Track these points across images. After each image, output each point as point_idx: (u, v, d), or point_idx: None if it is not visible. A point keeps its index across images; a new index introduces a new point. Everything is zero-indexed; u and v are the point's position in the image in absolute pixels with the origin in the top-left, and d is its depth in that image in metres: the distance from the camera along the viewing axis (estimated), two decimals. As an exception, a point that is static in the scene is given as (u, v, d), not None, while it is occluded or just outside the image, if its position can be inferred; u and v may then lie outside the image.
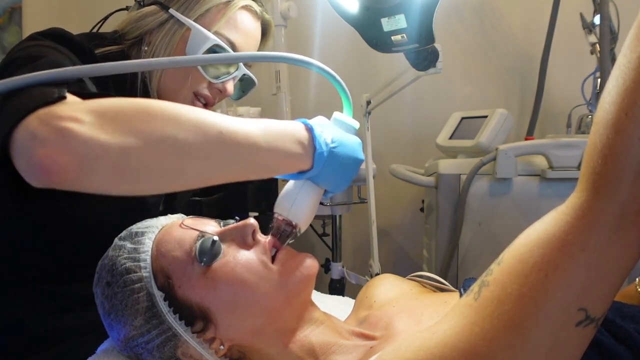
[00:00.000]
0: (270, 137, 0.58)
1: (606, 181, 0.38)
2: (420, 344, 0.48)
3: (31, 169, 0.48)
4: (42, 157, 0.47)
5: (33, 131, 0.48)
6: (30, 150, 0.48)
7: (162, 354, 0.61)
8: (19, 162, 0.49)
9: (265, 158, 0.59)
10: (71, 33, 0.77)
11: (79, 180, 0.49)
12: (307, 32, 1.92)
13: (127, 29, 0.85)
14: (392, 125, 1.96)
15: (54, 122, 0.48)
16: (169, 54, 0.82)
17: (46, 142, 0.47)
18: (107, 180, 0.50)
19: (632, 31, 0.37)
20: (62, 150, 0.47)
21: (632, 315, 0.59)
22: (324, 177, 0.64)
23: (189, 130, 0.53)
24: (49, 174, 0.47)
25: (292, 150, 0.60)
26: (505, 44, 1.90)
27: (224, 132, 0.55)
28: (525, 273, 0.41)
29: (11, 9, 2.02)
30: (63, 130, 0.48)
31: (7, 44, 2.01)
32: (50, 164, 0.47)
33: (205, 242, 0.62)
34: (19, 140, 0.49)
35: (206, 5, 0.83)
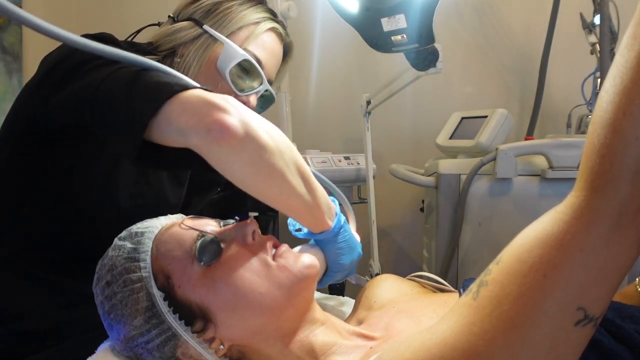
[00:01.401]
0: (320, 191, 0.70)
1: (604, 181, 0.38)
2: (420, 344, 0.48)
3: (207, 124, 0.58)
4: (221, 120, 0.57)
5: (212, 100, 0.59)
6: (211, 111, 0.58)
7: (162, 353, 0.61)
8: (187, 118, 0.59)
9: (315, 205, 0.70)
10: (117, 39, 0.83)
11: (235, 148, 0.58)
12: (307, 32, 1.92)
13: (161, 41, 0.90)
14: (392, 125, 1.96)
15: (230, 100, 0.60)
16: (200, 67, 0.88)
17: (227, 110, 0.58)
18: (244, 160, 0.60)
19: (629, 30, 0.37)
20: (238, 121, 0.58)
21: (631, 315, 0.59)
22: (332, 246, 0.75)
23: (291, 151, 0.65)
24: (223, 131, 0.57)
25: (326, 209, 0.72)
26: (505, 44, 1.90)
27: (307, 168, 0.68)
28: (523, 273, 0.41)
29: (11, 9, 2.02)
30: (238, 109, 0.60)
31: (7, 44, 2.01)
32: (227, 127, 0.57)
33: (205, 241, 0.62)
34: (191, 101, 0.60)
35: (238, 24, 0.90)
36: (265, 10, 0.94)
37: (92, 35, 0.78)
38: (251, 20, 0.91)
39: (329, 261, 0.76)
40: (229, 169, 0.61)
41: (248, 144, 0.59)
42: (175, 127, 0.59)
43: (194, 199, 1.04)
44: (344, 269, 0.77)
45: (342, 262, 0.76)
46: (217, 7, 0.90)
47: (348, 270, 0.79)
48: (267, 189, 0.64)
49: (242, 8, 0.91)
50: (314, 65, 1.97)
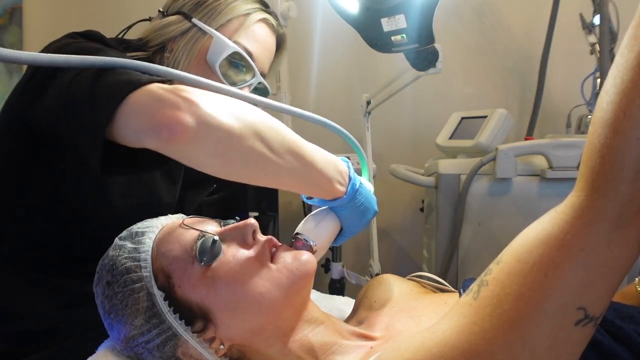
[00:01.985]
0: (322, 160, 0.67)
1: (605, 181, 0.38)
2: (420, 343, 0.48)
3: (155, 126, 0.54)
4: (169, 117, 0.54)
5: (161, 96, 0.55)
6: (157, 111, 0.54)
7: (162, 353, 0.61)
8: (138, 120, 0.56)
9: (318, 177, 0.67)
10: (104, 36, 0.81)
11: (191, 144, 0.55)
12: (307, 32, 1.93)
13: (151, 36, 0.89)
14: (392, 125, 1.96)
15: (181, 93, 0.56)
16: (189, 61, 0.86)
17: (176, 106, 0.54)
18: (208, 153, 0.57)
19: (629, 31, 0.37)
20: (189, 115, 0.54)
21: (631, 315, 0.59)
22: (348, 210, 0.73)
23: (274, 131, 0.61)
24: (173, 131, 0.54)
25: (335, 176, 0.69)
26: (505, 44, 1.90)
27: (296, 141, 0.63)
28: (524, 272, 0.42)
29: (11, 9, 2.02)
30: (189, 100, 0.55)
31: (7, 44, 2.01)
32: (175, 124, 0.54)
33: (206, 241, 0.62)
34: (141, 102, 0.56)
35: (227, 16, 0.88)
36: (255, 1, 0.92)
37: (78, 33, 0.77)
38: (241, 12, 0.89)
39: (344, 224, 0.75)
40: (196, 163, 0.58)
41: (207, 136, 0.55)
42: (130, 131, 0.57)
43: (188, 195, 1.04)
44: (359, 229, 0.76)
45: (359, 224, 0.75)
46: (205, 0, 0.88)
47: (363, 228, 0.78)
48: (247, 174, 0.61)
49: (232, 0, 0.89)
50: (314, 65, 1.97)
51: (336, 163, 0.70)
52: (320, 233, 0.72)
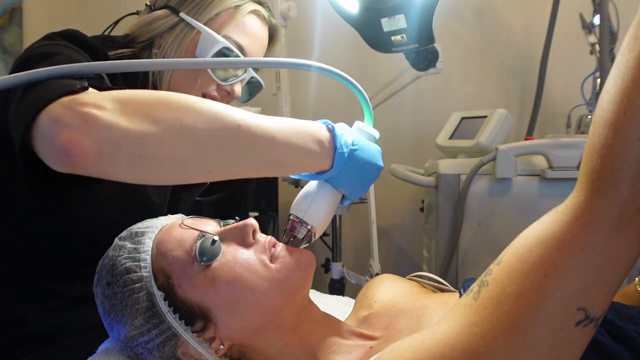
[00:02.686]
0: (288, 133, 0.59)
1: (605, 181, 0.38)
2: (420, 343, 0.48)
3: (54, 152, 0.50)
4: (65, 141, 0.49)
5: (57, 116, 0.50)
6: (54, 134, 0.49)
7: (162, 353, 0.61)
8: (42, 145, 0.52)
9: (283, 154, 0.59)
10: (85, 35, 0.78)
11: (99, 164, 0.50)
12: (307, 32, 1.92)
13: (138, 32, 0.86)
14: (392, 125, 1.96)
15: (78, 108, 0.50)
16: (178, 57, 0.83)
17: (69, 126, 0.49)
18: (125, 166, 0.52)
19: (630, 31, 0.37)
20: (85, 134, 0.49)
21: (631, 316, 0.59)
22: (343, 179, 0.65)
23: (208, 122, 0.54)
24: (71, 156, 0.49)
25: (310, 148, 0.61)
26: (505, 44, 1.90)
27: (242, 125, 0.56)
28: (524, 273, 0.41)
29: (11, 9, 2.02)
30: (86, 115, 0.50)
31: (7, 45, 2.01)
32: (72, 147, 0.49)
33: (206, 241, 0.62)
34: (42, 125, 0.51)
35: (216, 10, 0.85)
36: None
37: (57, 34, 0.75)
38: (230, 4, 0.85)
39: (344, 191, 0.68)
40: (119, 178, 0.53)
41: (115, 151, 0.50)
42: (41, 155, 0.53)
43: (182, 195, 1.02)
44: (364, 192, 0.69)
45: (361, 187, 0.68)
46: None
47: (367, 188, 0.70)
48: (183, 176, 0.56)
49: None
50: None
51: (313, 132, 0.62)
52: (316, 210, 0.66)
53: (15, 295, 0.81)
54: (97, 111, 0.50)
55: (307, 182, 0.69)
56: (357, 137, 0.67)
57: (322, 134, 0.63)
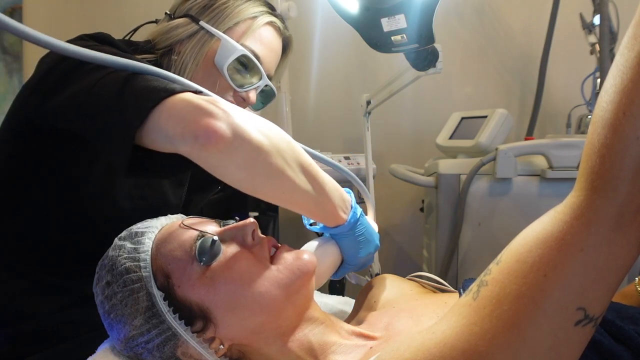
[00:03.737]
0: (330, 185, 0.69)
1: (604, 180, 0.38)
2: (420, 343, 0.48)
3: (193, 131, 0.56)
4: (207, 124, 0.56)
5: (200, 104, 0.58)
6: (196, 117, 0.57)
7: (162, 353, 0.61)
8: (173, 124, 0.58)
9: (325, 200, 0.69)
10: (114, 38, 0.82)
11: (223, 152, 0.57)
12: (307, 32, 1.93)
13: (158, 39, 0.89)
14: (392, 125, 1.96)
15: (218, 104, 0.58)
16: (197, 64, 0.87)
17: (213, 115, 0.57)
18: (237, 164, 0.59)
19: (629, 30, 0.37)
20: (227, 125, 0.57)
21: (631, 316, 0.59)
22: (347, 240, 0.74)
23: (292, 149, 0.63)
24: (210, 139, 0.56)
25: (339, 203, 0.71)
26: (505, 44, 1.90)
27: (312, 164, 0.66)
28: (524, 273, 0.41)
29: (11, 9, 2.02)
30: (227, 111, 0.58)
31: (7, 44, 2.02)
32: (212, 132, 0.56)
33: (205, 241, 0.62)
34: (179, 108, 0.58)
35: (235, 20, 0.88)
36: (262, 4, 0.93)
37: (89, 36, 0.78)
38: (248, 15, 0.89)
39: (345, 254, 0.76)
40: (223, 173, 0.60)
41: (239, 148, 0.57)
42: (164, 135, 0.58)
43: (194, 197, 1.04)
44: (360, 262, 0.77)
45: (359, 255, 0.76)
46: (213, 3, 0.89)
47: (365, 261, 0.79)
48: (268, 190, 0.63)
49: (239, 2, 0.89)
50: (314, 65, 1.97)
51: (341, 192, 0.72)
52: (320, 260, 0.72)
53: (25, 291, 0.82)
54: (232, 111, 0.58)
55: None
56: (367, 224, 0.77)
57: (346, 196, 0.74)
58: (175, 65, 0.87)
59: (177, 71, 0.87)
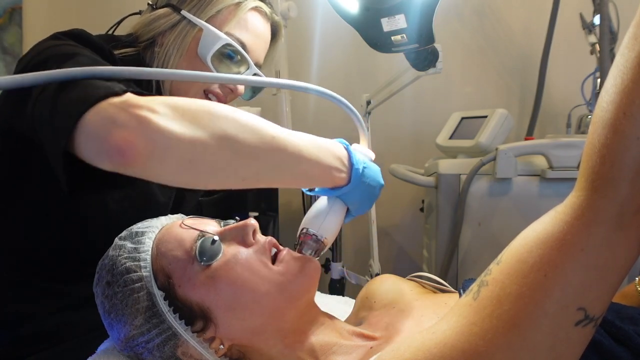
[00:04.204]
0: (313, 148, 0.62)
1: (605, 181, 0.38)
2: (420, 344, 0.48)
3: (106, 150, 0.51)
4: (120, 140, 0.50)
5: (112, 116, 0.51)
6: (108, 133, 0.50)
7: (162, 353, 0.61)
8: (90, 143, 0.52)
9: (308, 167, 0.62)
10: (90, 34, 0.78)
11: (148, 165, 0.51)
12: (307, 32, 1.92)
13: (140, 31, 0.86)
14: (392, 125, 1.96)
15: (132, 110, 0.51)
16: (181, 55, 0.84)
17: (125, 126, 0.50)
18: (172, 169, 0.53)
19: (630, 30, 0.37)
20: (139, 135, 0.50)
21: (631, 317, 0.59)
22: (355, 195, 0.69)
23: (247, 131, 0.56)
24: (124, 156, 0.50)
25: (332, 163, 0.64)
26: (505, 44, 1.90)
27: (275, 137, 0.58)
28: (524, 273, 0.41)
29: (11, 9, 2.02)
30: (141, 117, 0.51)
31: (7, 45, 2.02)
32: (126, 147, 0.50)
33: (206, 241, 0.62)
34: (92, 123, 0.52)
35: (217, 7, 0.84)
36: None
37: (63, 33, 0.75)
38: (231, 1, 0.85)
39: (351, 207, 0.72)
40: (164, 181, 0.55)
41: (165, 154, 0.51)
42: (87, 153, 0.53)
43: (187, 194, 1.02)
44: (368, 209, 0.74)
45: (365, 205, 0.72)
46: None
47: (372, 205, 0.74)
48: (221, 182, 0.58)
49: None
50: (314, 65, 1.97)
51: (333, 149, 0.65)
52: (329, 225, 0.69)
53: (21, 295, 0.81)
54: (151, 114, 0.51)
55: None
56: (361, 156, 0.71)
57: (341, 152, 0.66)
58: (159, 58, 0.84)
59: (160, 64, 0.84)
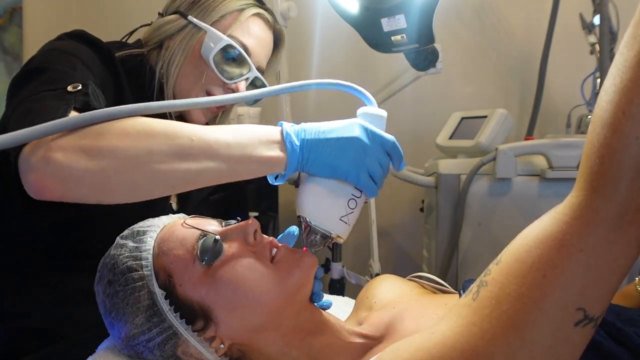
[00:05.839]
0: (240, 140, 0.61)
1: (604, 180, 0.38)
2: (419, 344, 0.48)
3: (27, 187, 0.56)
4: (32, 181, 0.56)
5: (27, 157, 0.56)
6: (24, 173, 0.56)
7: (163, 352, 0.61)
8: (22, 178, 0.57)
9: (239, 160, 0.61)
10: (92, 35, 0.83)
11: (66, 197, 0.57)
12: (307, 32, 1.92)
13: (149, 36, 0.92)
14: (392, 125, 1.94)
15: (40, 151, 0.55)
16: (185, 56, 0.89)
17: (34, 168, 0.55)
18: (89, 196, 0.58)
19: (629, 30, 0.37)
20: (47, 176, 0.55)
21: (631, 318, 0.60)
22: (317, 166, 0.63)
23: (162, 142, 0.58)
24: (41, 195, 0.56)
25: (263, 153, 0.62)
26: (505, 44, 1.90)
27: (194, 139, 0.59)
28: (523, 273, 0.41)
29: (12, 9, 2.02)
30: (47, 158, 0.55)
31: (7, 45, 2.02)
32: (40, 188, 0.56)
33: (207, 241, 0.62)
34: (20, 160, 0.57)
35: (221, 12, 0.90)
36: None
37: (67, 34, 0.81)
38: (235, 7, 0.91)
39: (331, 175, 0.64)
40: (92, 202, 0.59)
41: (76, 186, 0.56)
42: None
43: (192, 192, 1.04)
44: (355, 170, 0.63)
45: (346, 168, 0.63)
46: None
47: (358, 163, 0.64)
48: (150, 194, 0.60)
49: None
50: (314, 65, 1.97)
51: (266, 136, 0.62)
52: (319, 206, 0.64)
53: (20, 287, 0.82)
54: (58, 153, 0.55)
55: None
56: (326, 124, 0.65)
57: (270, 135, 0.63)
58: (164, 59, 0.89)
59: (165, 65, 0.89)
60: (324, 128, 0.64)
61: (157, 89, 0.89)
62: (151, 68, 0.89)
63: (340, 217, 0.65)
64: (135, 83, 0.87)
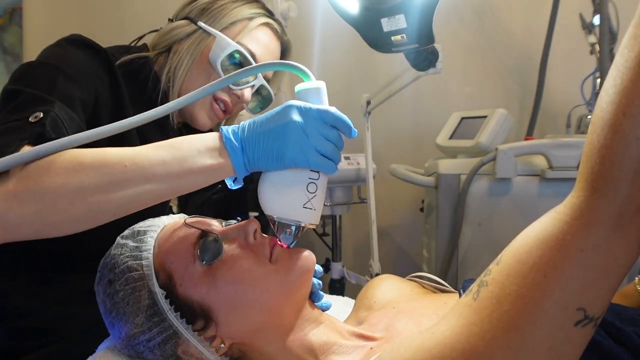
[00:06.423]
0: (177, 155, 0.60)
1: (604, 181, 0.38)
2: (419, 344, 0.48)
3: None
4: None
5: None
6: None
7: (163, 352, 0.61)
8: None
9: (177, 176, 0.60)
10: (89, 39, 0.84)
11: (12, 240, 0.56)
12: (307, 32, 1.92)
13: (158, 40, 0.93)
14: (392, 125, 1.96)
15: None
16: (193, 60, 0.90)
17: None
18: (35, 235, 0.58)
19: (629, 31, 0.37)
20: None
21: (631, 318, 0.60)
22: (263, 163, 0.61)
23: (92, 175, 0.57)
24: None
25: (204, 162, 0.60)
26: (505, 44, 1.90)
27: (128, 164, 0.58)
28: (523, 273, 0.42)
29: (11, 9, 2.02)
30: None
31: (7, 45, 2.02)
32: None
33: (208, 241, 0.62)
34: None
35: (231, 19, 0.92)
36: (259, 7, 0.96)
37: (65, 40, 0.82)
38: (244, 16, 0.92)
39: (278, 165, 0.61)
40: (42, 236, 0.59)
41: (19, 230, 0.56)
42: None
43: (192, 194, 1.05)
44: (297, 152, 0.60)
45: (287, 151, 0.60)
46: (211, 5, 0.93)
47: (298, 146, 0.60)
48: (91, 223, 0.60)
49: (236, 5, 0.93)
50: (314, 65, 1.97)
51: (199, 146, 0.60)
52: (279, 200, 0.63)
53: (21, 287, 0.82)
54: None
55: None
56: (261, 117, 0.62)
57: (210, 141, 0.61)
58: (171, 63, 0.90)
59: (173, 68, 0.90)
60: (260, 120, 0.61)
61: (162, 93, 0.90)
62: (155, 73, 0.90)
63: (303, 204, 0.63)
64: (135, 87, 0.88)
